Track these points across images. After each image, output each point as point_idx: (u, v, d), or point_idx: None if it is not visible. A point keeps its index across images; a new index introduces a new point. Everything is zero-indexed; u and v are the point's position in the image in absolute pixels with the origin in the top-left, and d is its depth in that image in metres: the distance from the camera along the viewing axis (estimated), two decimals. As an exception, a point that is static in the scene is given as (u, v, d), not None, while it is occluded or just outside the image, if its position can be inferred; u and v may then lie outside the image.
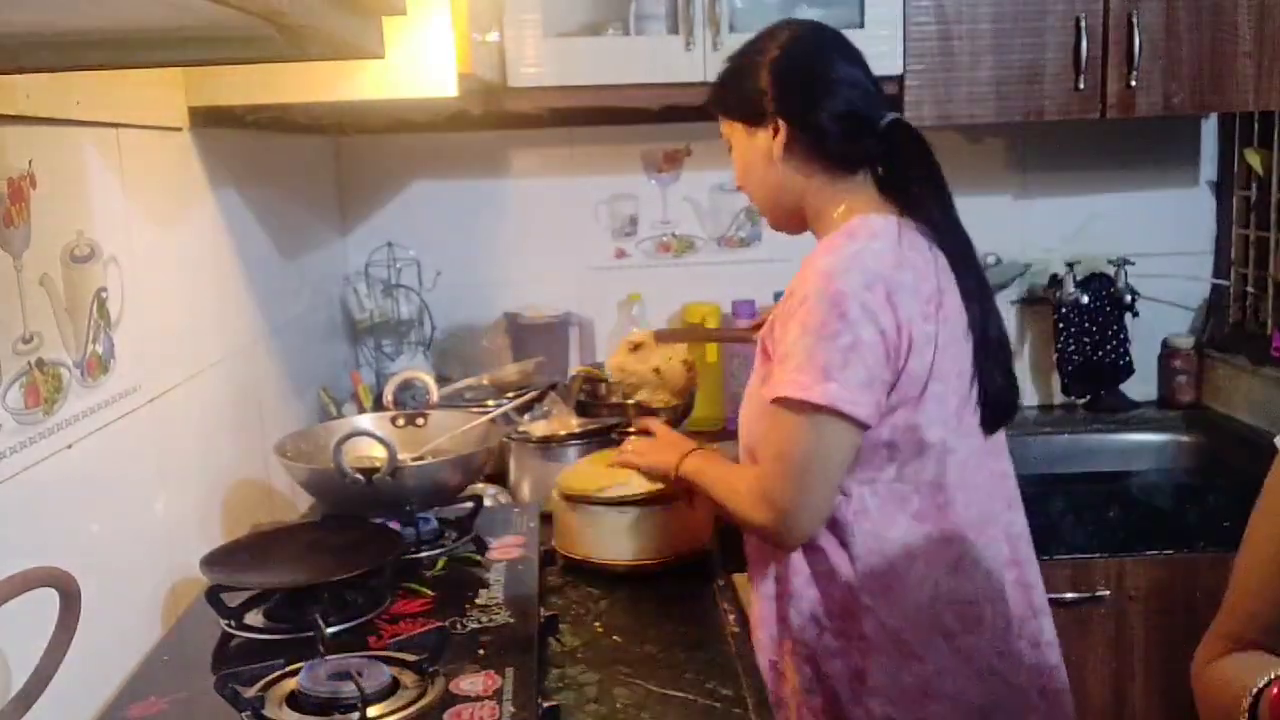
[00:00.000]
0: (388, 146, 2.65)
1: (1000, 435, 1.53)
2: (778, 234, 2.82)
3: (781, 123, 1.49)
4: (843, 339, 1.36)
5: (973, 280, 1.48)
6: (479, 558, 1.63)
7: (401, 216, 2.68)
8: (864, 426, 1.39)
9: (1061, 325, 2.67)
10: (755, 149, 1.52)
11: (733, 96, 1.55)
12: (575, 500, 1.71)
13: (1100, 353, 2.66)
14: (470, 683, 1.24)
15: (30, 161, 1.18)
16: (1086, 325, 2.64)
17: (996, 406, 1.48)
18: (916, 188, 1.50)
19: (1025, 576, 1.52)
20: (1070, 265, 2.66)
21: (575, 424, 2.06)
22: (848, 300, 1.36)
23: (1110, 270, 2.66)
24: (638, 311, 2.72)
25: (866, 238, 1.42)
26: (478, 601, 1.48)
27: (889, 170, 1.52)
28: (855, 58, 1.52)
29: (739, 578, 1.70)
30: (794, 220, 1.57)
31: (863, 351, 1.36)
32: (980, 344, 1.46)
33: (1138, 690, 2.16)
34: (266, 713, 1.17)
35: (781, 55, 1.50)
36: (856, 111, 1.48)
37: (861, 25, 2.23)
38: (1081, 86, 2.27)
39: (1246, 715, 1.00)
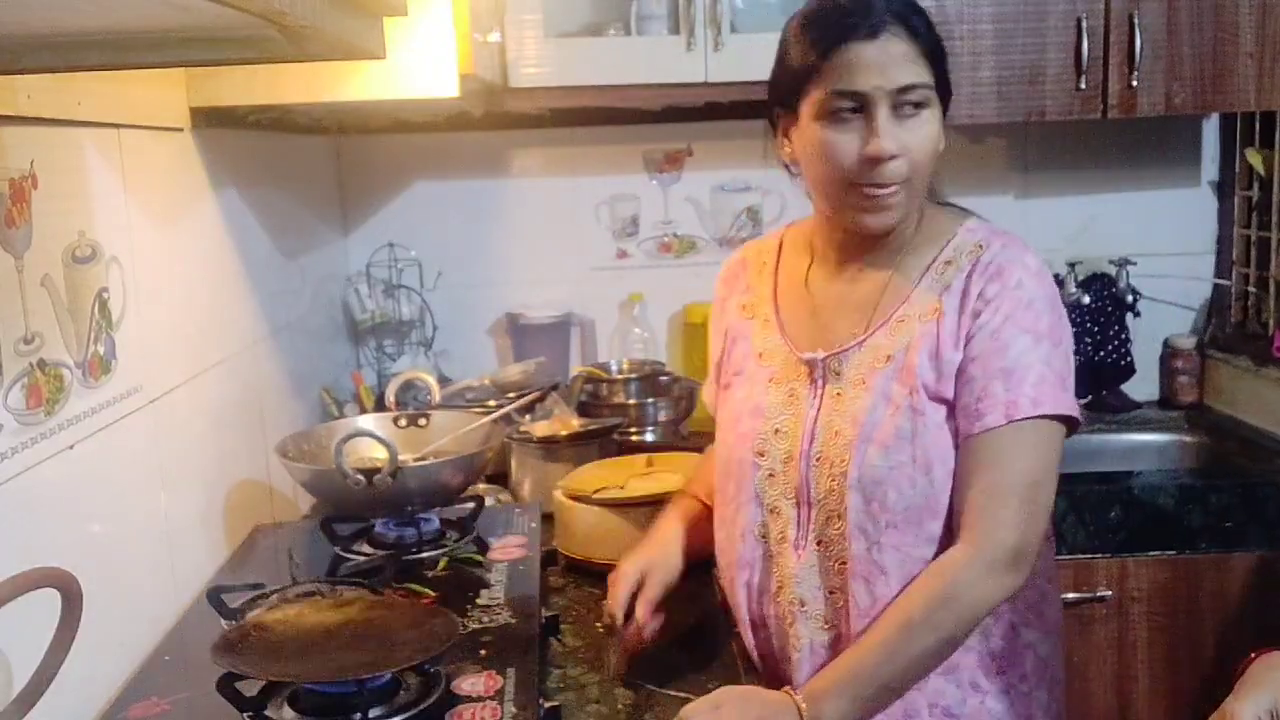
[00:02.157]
0: (389, 147, 2.65)
1: None
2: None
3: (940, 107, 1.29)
4: (1066, 344, 1.27)
5: None
6: (480, 558, 1.63)
7: (403, 217, 2.68)
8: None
9: (1063, 325, 2.66)
10: (939, 128, 1.28)
11: (943, 56, 1.29)
12: (577, 500, 1.71)
13: (1102, 353, 2.66)
14: (472, 683, 1.24)
15: (32, 162, 1.18)
16: (1088, 325, 2.64)
17: None
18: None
19: None
20: (1072, 265, 2.66)
21: (576, 424, 2.06)
22: (1059, 302, 1.28)
23: (1112, 270, 2.66)
24: (639, 312, 2.72)
25: (1016, 235, 1.32)
26: (479, 602, 1.48)
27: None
28: None
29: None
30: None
31: (1071, 356, 1.28)
32: None
33: (1140, 690, 2.16)
34: (268, 712, 1.17)
35: (929, 23, 1.29)
36: None
37: (863, 25, 2.22)
38: (1083, 86, 2.27)
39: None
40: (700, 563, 1.70)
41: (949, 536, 1.26)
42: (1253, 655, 1.08)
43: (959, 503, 1.25)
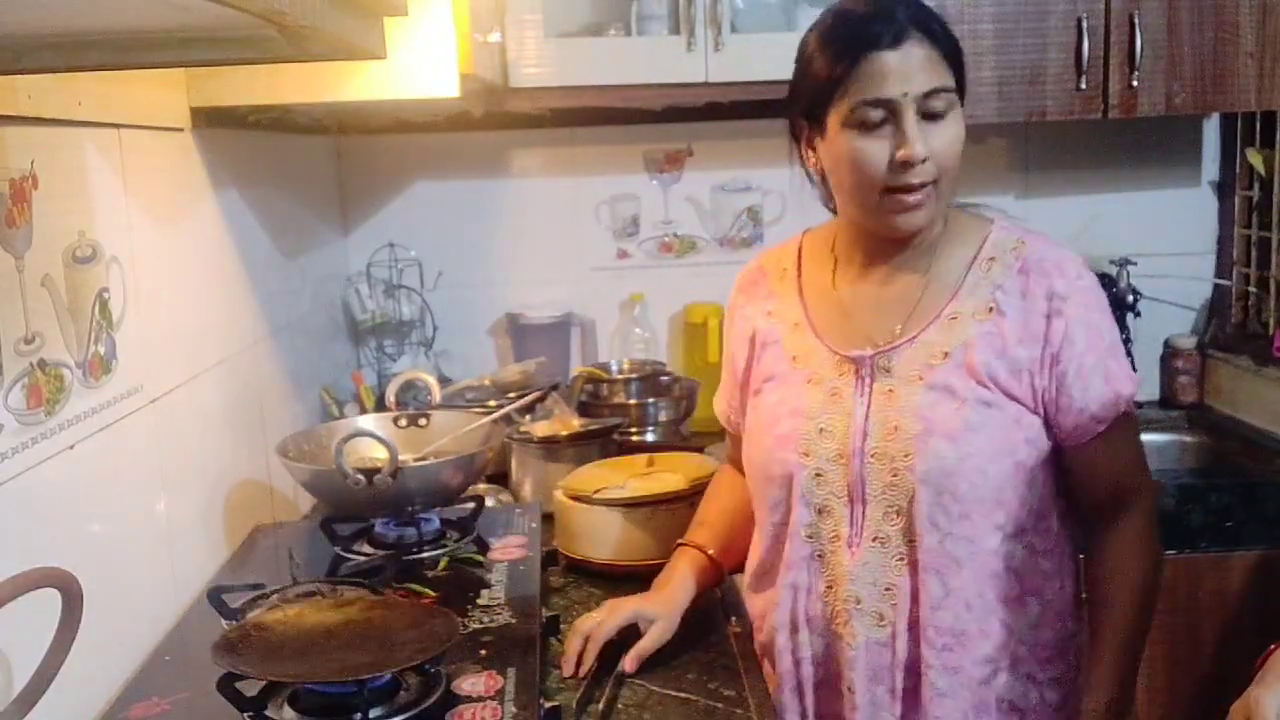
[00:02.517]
0: (389, 147, 2.65)
1: None
2: (779, 235, 2.82)
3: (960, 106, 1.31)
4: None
5: None
6: (481, 558, 1.63)
7: (403, 217, 2.68)
8: None
9: (1063, 325, 2.66)
10: (963, 130, 1.30)
11: (962, 60, 1.31)
12: (578, 500, 1.71)
13: (1102, 353, 2.66)
14: (472, 683, 1.24)
15: (32, 162, 1.18)
16: (1088, 325, 2.64)
17: None
18: None
19: None
20: (1072, 265, 2.66)
21: (577, 424, 2.06)
22: None
23: (1112, 270, 2.66)
24: (639, 312, 2.72)
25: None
26: (480, 602, 1.48)
27: None
28: None
29: (739, 578, 1.70)
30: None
31: None
32: None
33: (1140, 690, 2.16)
34: (268, 712, 1.17)
35: (944, 23, 1.32)
36: None
37: (863, 25, 2.22)
38: (1083, 86, 2.27)
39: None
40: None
41: (1012, 524, 1.32)
42: (1274, 647, 1.09)
43: (1110, 477, 1.36)
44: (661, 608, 1.42)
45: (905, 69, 1.25)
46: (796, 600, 1.39)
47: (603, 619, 1.40)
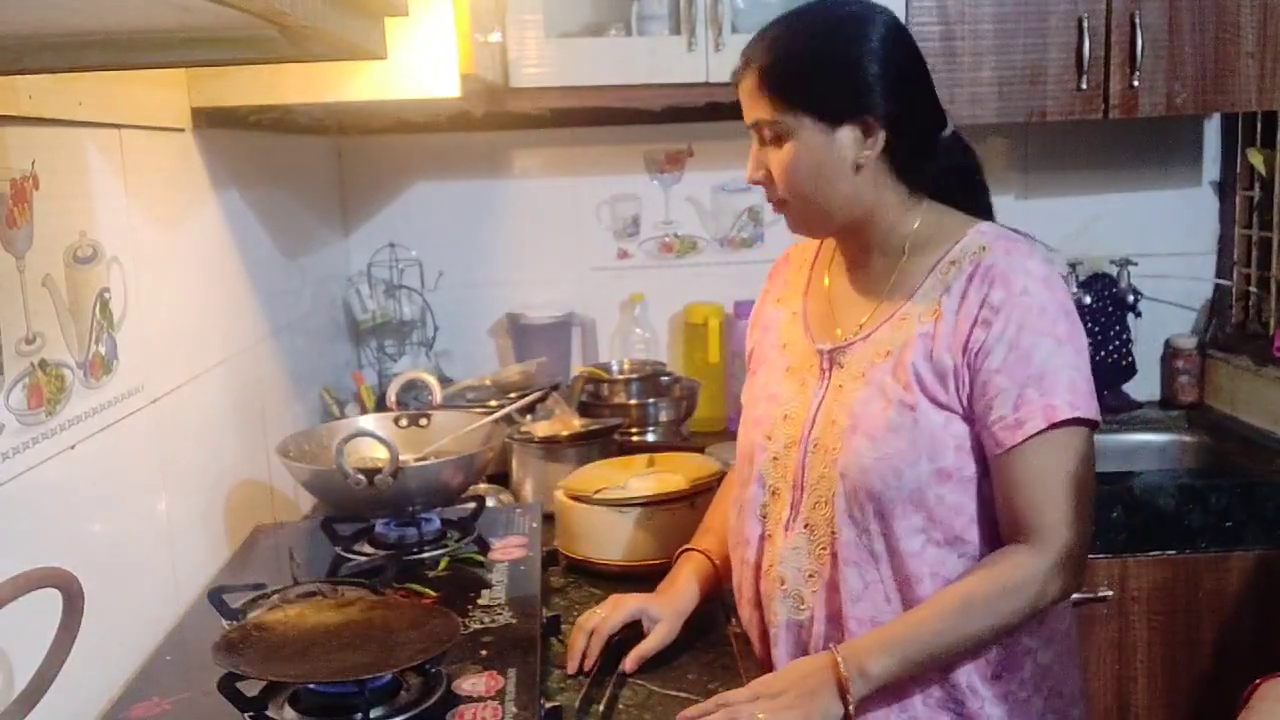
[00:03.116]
0: (390, 147, 2.66)
1: None
2: (780, 235, 2.82)
3: (878, 126, 1.30)
4: (1084, 348, 1.29)
5: None
6: (481, 558, 1.63)
7: (404, 217, 2.68)
8: None
9: (1064, 325, 2.66)
10: (832, 150, 1.30)
11: (813, 85, 1.30)
12: (578, 500, 1.71)
13: (1103, 353, 2.66)
14: (473, 683, 1.24)
15: (33, 162, 1.18)
16: (1089, 325, 2.64)
17: None
18: (986, 209, 1.43)
19: None
20: (1073, 265, 2.66)
21: (578, 424, 2.06)
22: (1071, 307, 1.30)
23: (1113, 270, 2.66)
24: (640, 312, 2.72)
25: (1024, 240, 1.34)
26: (480, 602, 1.48)
27: (946, 190, 1.39)
28: (919, 54, 1.38)
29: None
30: (836, 229, 1.40)
31: (1086, 358, 1.30)
32: None
33: (1140, 690, 2.16)
34: (269, 713, 1.17)
35: (891, 46, 1.31)
36: (938, 122, 1.38)
37: (864, 25, 2.23)
38: (1084, 86, 2.27)
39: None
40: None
41: (940, 531, 1.29)
42: (1258, 682, 1.08)
43: (1011, 509, 1.27)
44: (666, 609, 1.44)
45: (746, 101, 1.36)
46: (743, 574, 1.44)
47: (606, 614, 1.42)
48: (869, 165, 1.31)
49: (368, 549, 1.65)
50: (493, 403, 2.17)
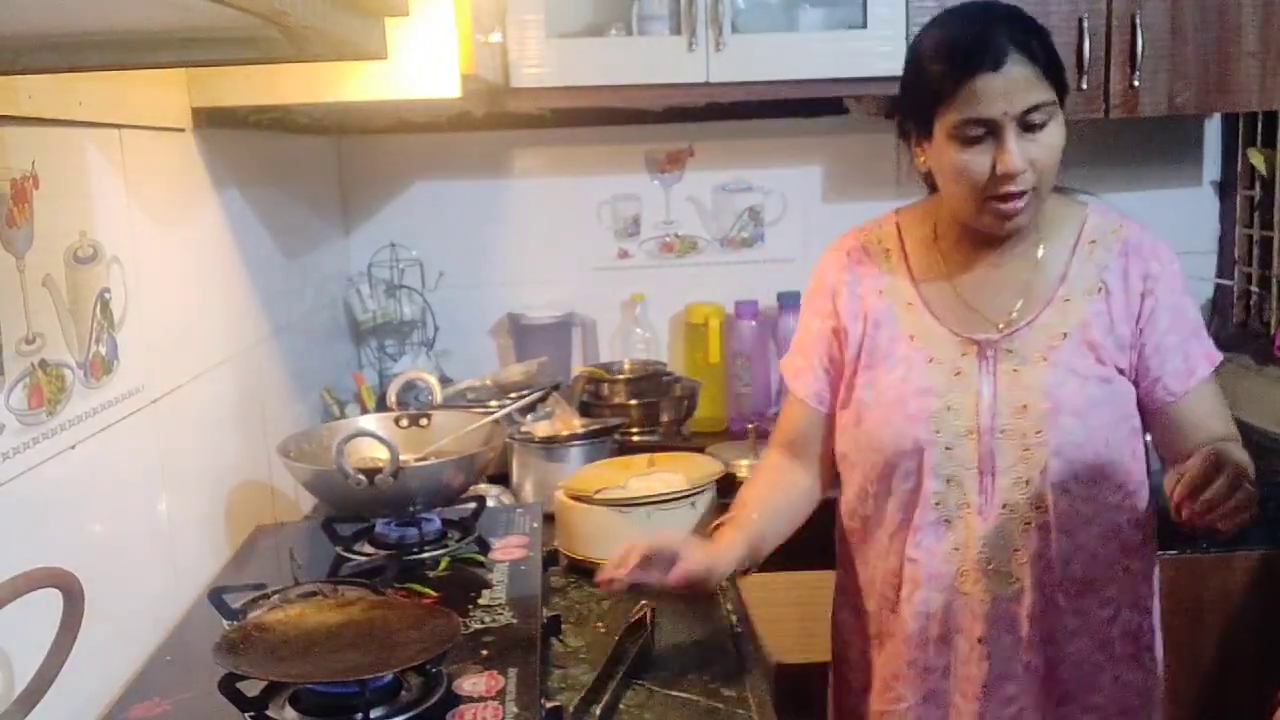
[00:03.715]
0: (390, 147, 2.65)
1: None
2: (780, 235, 2.83)
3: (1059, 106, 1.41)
4: None
5: None
6: (482, 558, 1.63)
7: (404, 217, 2.68)
8: None
9: (1065, 325, 2.66)
10: (1063, 133, 1.42)
11: (1062, 68, 1.41)
12: (579, 501, 1.71)
13: (1104, 353, 2.65)
14: (473, 683, 1.24)
15: (33, 162, 1.18)
16: (1090, 325, 2.64)
17: None
18: None
19: None
20: (1074, 265, 2.65)
21: (578, 424, 2.06)
22: None
23: (1114, 270, 2.66)
24: (640, 312, 2.71)
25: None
26: (481, 602, 1.48)
27: None
28: None
29: (741, 579, 1.69)
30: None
31: None
32: None
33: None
34: (270, 713, 1.17)
35: (1038, 25, 1.41)
36: None
37: (864, 26, 2.23)
38: (1084, 86, 2.27)
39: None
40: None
41: (1132, 481, 1.48)
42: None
43: (1195, 442, 1.42)
44: (711, 560, 1.43)
45: (1006, 89, 1.34)
46: (922, 562, 1.49)
47: (642, 549, 1.38)
48: None
49: (368, 549, 1.65)
50: (493, 403, 2.17)
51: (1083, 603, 1.48)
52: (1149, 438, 1.54)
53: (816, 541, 1.65)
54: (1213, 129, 2.71)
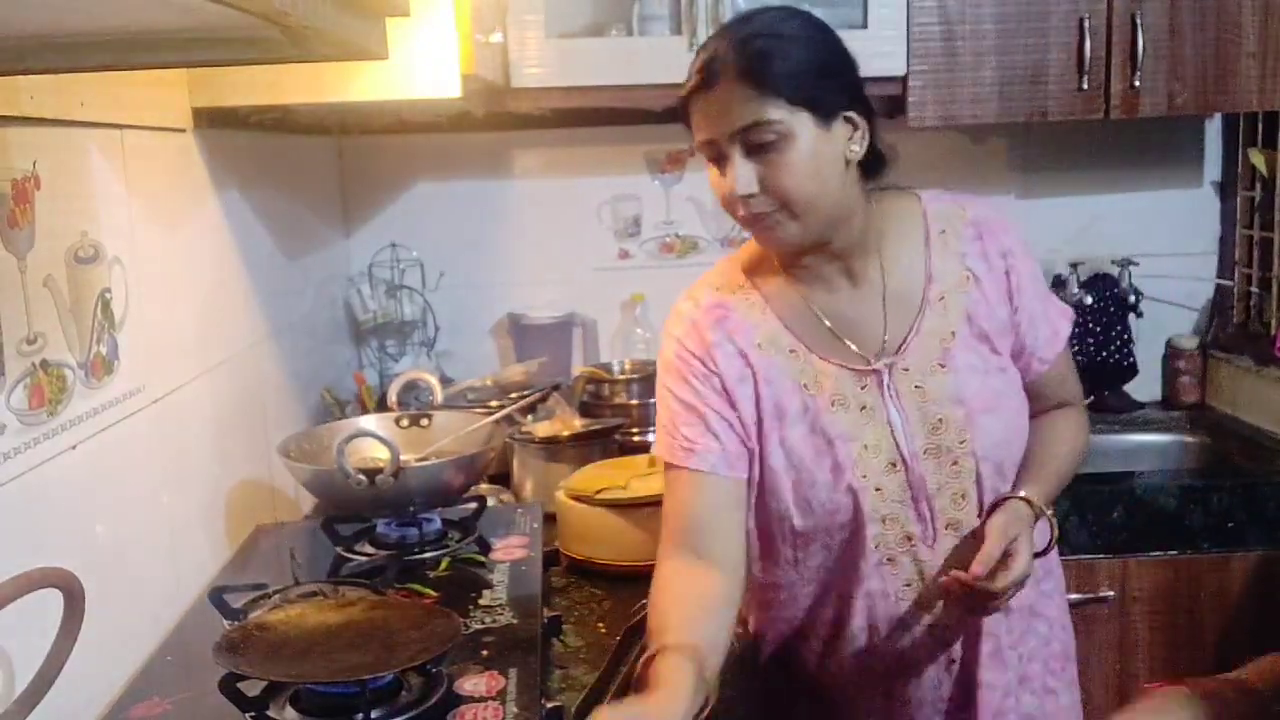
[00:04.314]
0: (391, 147, 2.66)
1: None
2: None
3: (864, 124, 1.29)
4: None
5: None
6: (482, 558, 1.63)
7: (404, 217, 2.68)
8: None
9: (1065, 326, 2.66)
10: (827, 148, 1.27)
11: (811, 81, 1.25)
12: (579, 501, 1.71)
13: (1104, 353, 2.66)
14: (474, 683, 1.24)
15: (34, 163, 1.18)
16: (1090, 326, 2.64)
17: None
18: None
19: None
20: (1074, 266, 2.65)
21: (579, 424, 2.06)
22: None
23: (1114, 271, 2.66)
24: (641, 312, 2.72)
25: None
26: (481, 602, 1.48)
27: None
28: None
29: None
30: (824, 232, 1.33)
31: None
32: None
33: (1141, 690, 2.16)
34: (270, 713, 1.17)
35: (829, 40, 1.30)
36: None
37: (865, 25, 2.23)
38: (1085, 87, 2.27)
39: None
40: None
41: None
42: (1152, 685, 1.09)
43: (1056, 397, 1.46)
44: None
45: (721, 109, 1.25)
46: (874, 606, 1.38)
47: None
48: (852, 163, 1.30)
49: (369, 549, 1.65)
50: (494, 403, 2.17)
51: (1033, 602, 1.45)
52: None
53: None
54: (1213, 129, 2.71)
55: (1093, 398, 2.67)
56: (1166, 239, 2.71)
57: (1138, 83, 2.27)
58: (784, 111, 1.24)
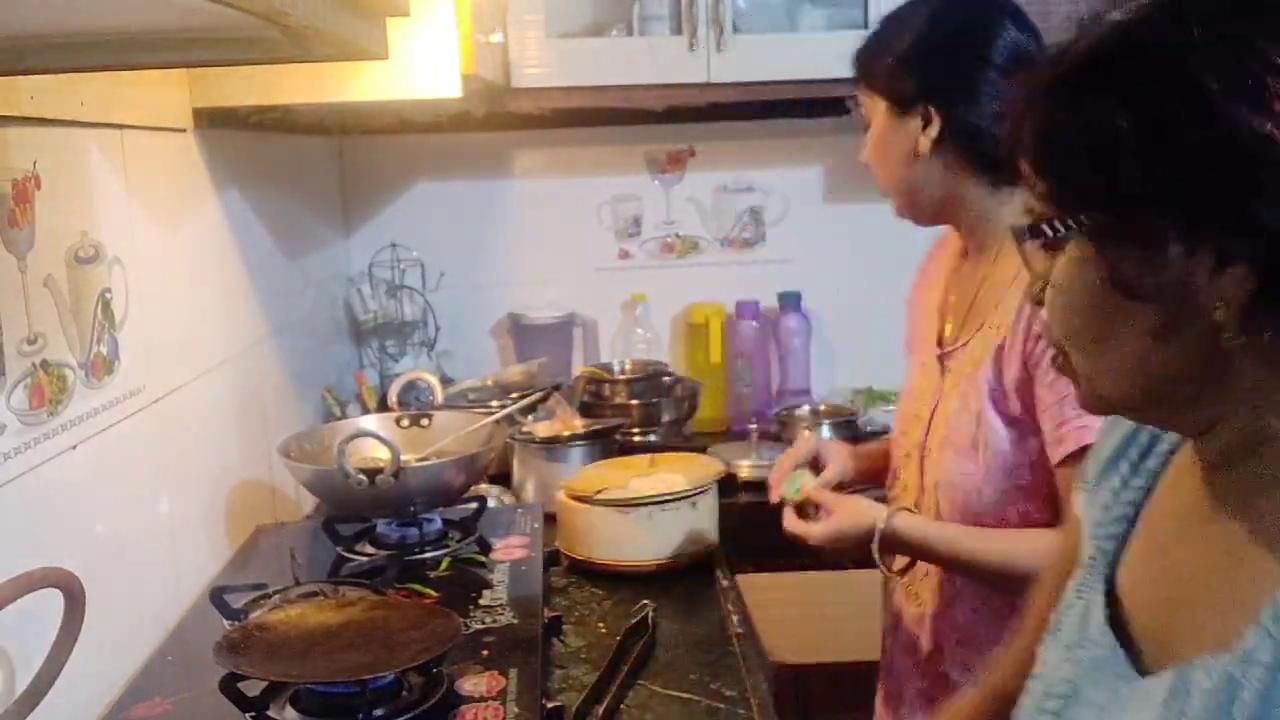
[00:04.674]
0: (391, 147, 2.66)
1: None
2: (782, 236, 2.82)
3: (935, 114, 1.30)
4: None
5: None
6: (483, 558, 1.63)
7: (405, 217, 2.68)
8: None
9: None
10: (895, 137, 1.32)
11: (887, 70, 1.32)
12: (580, 501, 1.71)
13: (1105, 353, 2.65)
14: (474, 683, 1.24)
15: (35, 162, 1.18)
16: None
17: None
18: None
19: None
20: (1074, 266, 2.65)
21: (579, 425, 2.06)
22: None
23: (1114, 271, 2.65)
24: (641, 312, 2.72)
25: None
26: (482, 602, 1.48)
27: None
28: (1030, 31, 1.31)
29: (742, 579, 1.70)
30: (927, 215, 1.39)
31: None
32: None
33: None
34: (270, 713, 1.17)
35: (930, 28, 1.30)
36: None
37: (865, 26, 2.22)
38: (1086, 87, 2.26)
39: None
40: (704, 565, 1.70)
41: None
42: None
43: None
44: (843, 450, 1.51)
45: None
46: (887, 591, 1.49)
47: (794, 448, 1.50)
48: (928, 153, 1.31)
49: (369, 549, 1.65)
50: (494, 403, 2.17)
51: (966, 654, 1.36)
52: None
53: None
54: (1214, 129, 2.71)
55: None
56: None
57: (1138, 83, 2.26)
58: (865, 94, 1.36)
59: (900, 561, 1.39)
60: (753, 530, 2.09)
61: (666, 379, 2.54)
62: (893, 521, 1.30)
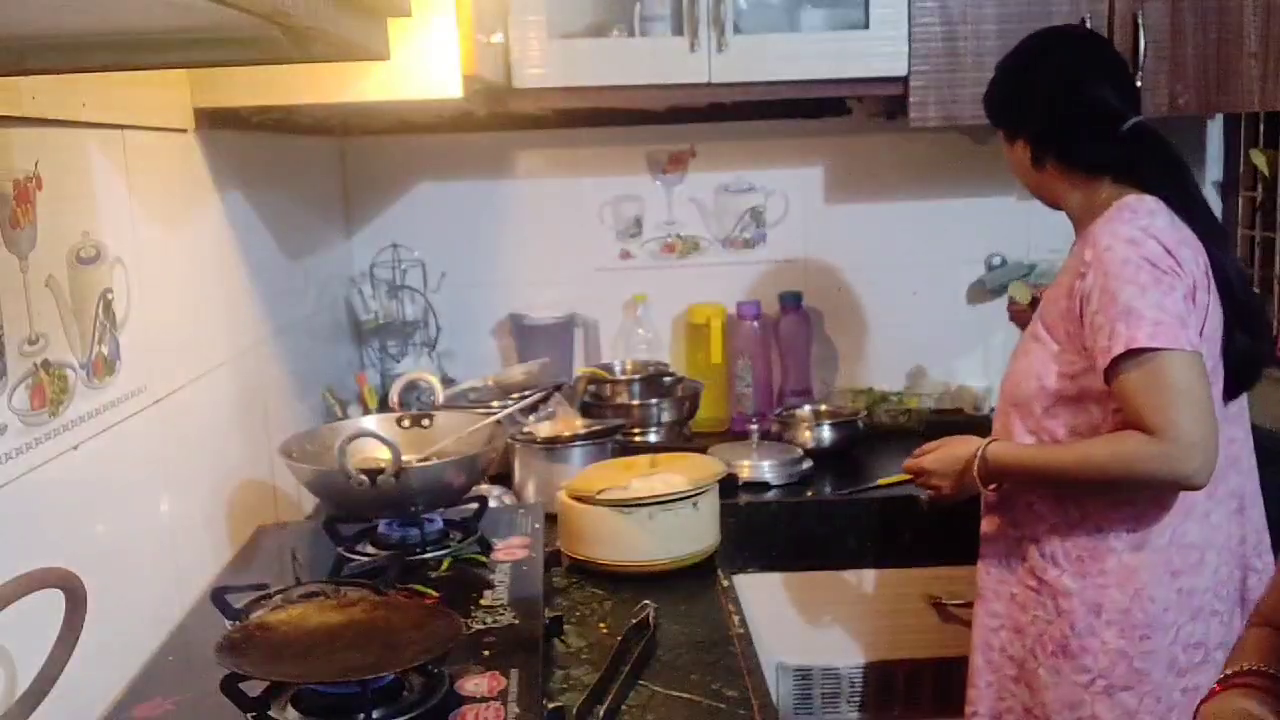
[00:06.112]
0: (393, 148, 2.66)
1: (1240, 400, 1.73)
2: (782, 236, 2.82)
3: (1022, 138, 1.72)
4: (1174, 291, 1.53)
5: (1226, 252, 1.66)
6: (484, 558, 1.63)
7: (406, 218, 2.68)
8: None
9: (1067, 326, 2.66)
10: (1014, 157, 1.76)
11: (994, 113, 1.78)
12: (580, 501, 1.71)
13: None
14: (475, 684, 1.24)
15: (36, 163, 1.18)
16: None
17: (1241, 373, 1.67)
18: (1157, 183, 1.64)
19: (1245, 533, 1.68)
20: (1075, 266, 2.65)
21: (580, 425, 2.06)
22: (1161, 260, 1.53)
23: (1116, 271, 2.66)
24: (643, 312, 2.72)
25: (1147, 214, 1.58)
26: (483, 602, 1.48)
27: (1130, 173, 1.65)
28: (1101, 66, 1.69)
29: (741, 579, 1.70)
30: (1049, 205, 1.78)
31: (1178, 298, 1.54)
32: (1232, 311, 1.62)
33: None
34: (271, 713, 1.17)
35: (1011, 69, 1.75)
36: (1096, 122, 1.66)
37: (866, 26, 2.23)
38: (1087, 87, 2.27)
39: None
40: (705, 565, 1.70)
41: (1045, 437, 1.66)
42: (1218, 688, 1.13)
43: (1130, 414, 1.52)
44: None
45: None
46: None
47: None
48: (1033, 167, 1.72)
49: (370, 549, 1.65)
50: (495, 403, 2.17)
51: None
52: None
53: (816, 542, 1.66)
54: (1215, 130, 2.71)
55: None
56: (1168, 239, 2.71)
57: (1139, 83, 2.26)
58: (996, 126, 1.79)
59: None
60: (753, 530, 2.10)
61: (667, 379, 2.54)
62: (989, 447, 1.66)
